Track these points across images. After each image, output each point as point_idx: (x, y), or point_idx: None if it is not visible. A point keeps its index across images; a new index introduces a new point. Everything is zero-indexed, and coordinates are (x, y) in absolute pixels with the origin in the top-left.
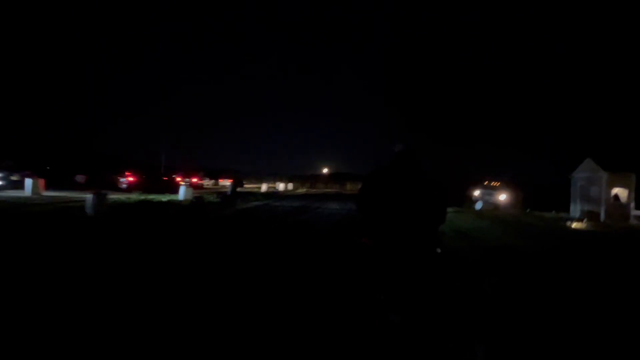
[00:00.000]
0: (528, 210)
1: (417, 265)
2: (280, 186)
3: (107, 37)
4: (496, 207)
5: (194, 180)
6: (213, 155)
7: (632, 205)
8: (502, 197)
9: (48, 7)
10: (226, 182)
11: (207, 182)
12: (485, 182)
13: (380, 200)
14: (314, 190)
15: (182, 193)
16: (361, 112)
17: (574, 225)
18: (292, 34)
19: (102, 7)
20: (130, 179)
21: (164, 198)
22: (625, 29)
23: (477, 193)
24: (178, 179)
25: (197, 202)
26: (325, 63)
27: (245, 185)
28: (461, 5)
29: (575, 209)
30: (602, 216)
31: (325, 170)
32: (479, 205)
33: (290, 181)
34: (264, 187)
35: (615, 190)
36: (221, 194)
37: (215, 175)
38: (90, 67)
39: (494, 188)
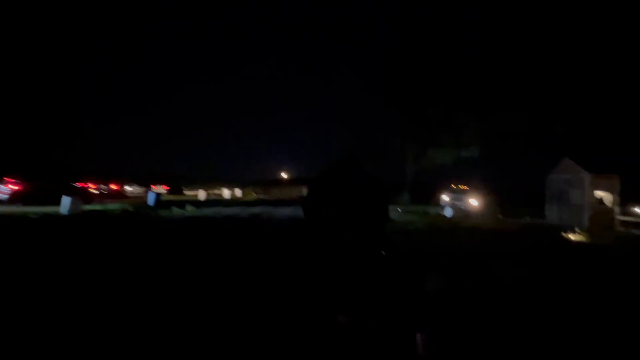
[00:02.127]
0: (500, 217)
1: (362, 265)
2: (225, 193)
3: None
4: (466, 214)
5: (114, 187)
6: (167, 161)
7: (617, 210)
8: (473, 202)
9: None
10: (161, 189)
11: (137, 190)
12: (452, 185)
13: (324, 203)
14: (267, 197)
15: (66, 205)
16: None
17: (573, 237)
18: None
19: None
20: (14, 187)
21: (35, 213)
22: (625, 28)
23: (445, 198)
24: (90, 186)
25: (83, 217)
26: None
27: (187, 192)
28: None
29: (552, 214)
30: (585, 223)
31: (284, 175)
32: (448, 212)
33: (243, 187)
34: (202, 195)
35: (599, 194)
36: (140, 204)
37: (146, 182)
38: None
39: (463, 192)
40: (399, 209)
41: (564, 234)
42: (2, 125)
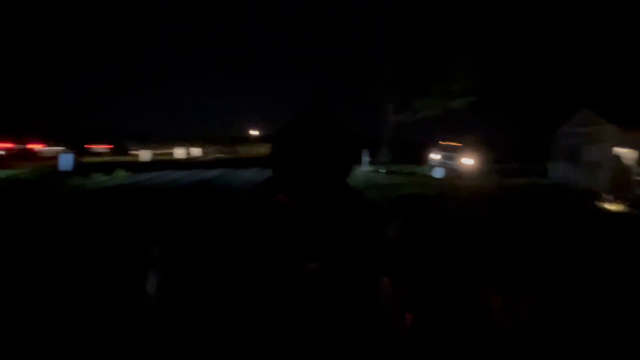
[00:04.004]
0: (497, 177)
1: (329, 217)
2: (179, 152)
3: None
4: (459, 174)
5: (31, 148)
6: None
7: (637, 170)
8: (468, 161)
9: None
10: (100, 150)
11: (62, 151)
12: (443, 142)
13: (289, 156)
14: (231, 156)
15: None
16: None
17: (609, 206)
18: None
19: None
20: None
21: None
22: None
23: (435, 156)
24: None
25: None
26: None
27: (134, 152)
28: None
29: (557, 173)
30: (600, 184)
31: (254, 132)
32: (439, 173)
33: (204, 145)
34: (145, 156)
35: (619, 151)
36: (52, 170)
37: (84, 141)
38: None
39: (455, 149)
40: (380, 169)
41: (598, 203)
42: None
